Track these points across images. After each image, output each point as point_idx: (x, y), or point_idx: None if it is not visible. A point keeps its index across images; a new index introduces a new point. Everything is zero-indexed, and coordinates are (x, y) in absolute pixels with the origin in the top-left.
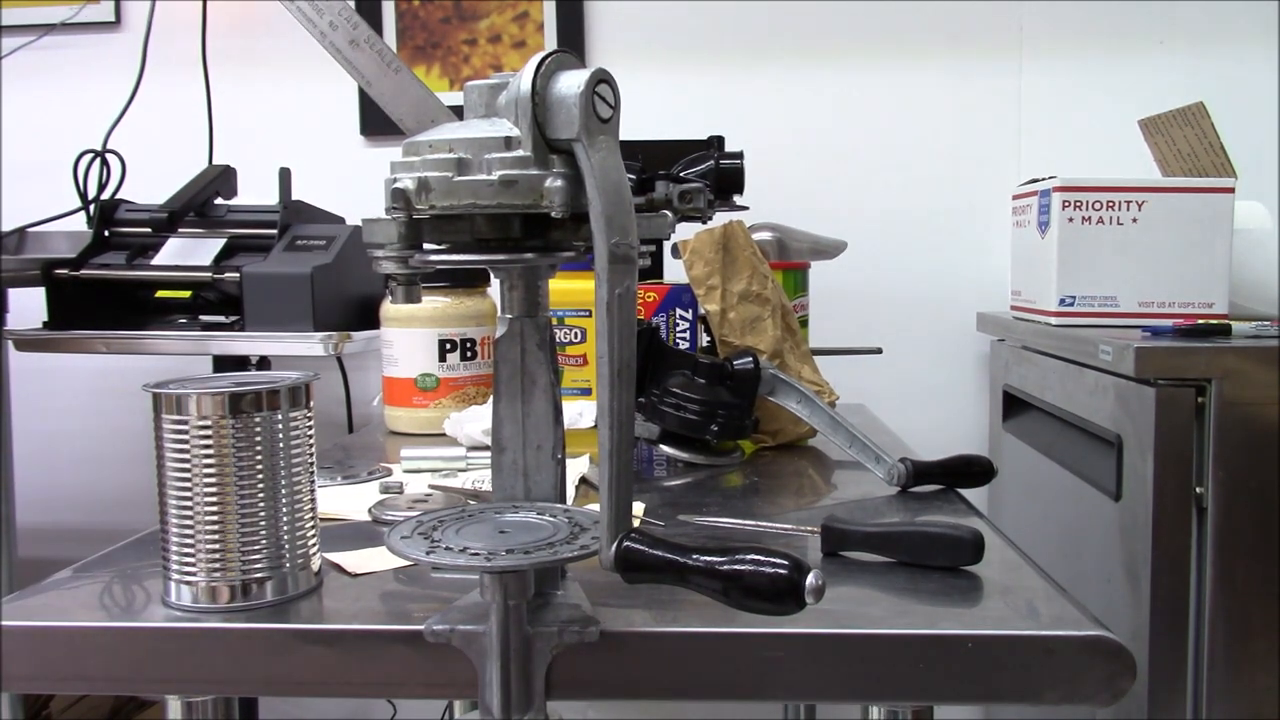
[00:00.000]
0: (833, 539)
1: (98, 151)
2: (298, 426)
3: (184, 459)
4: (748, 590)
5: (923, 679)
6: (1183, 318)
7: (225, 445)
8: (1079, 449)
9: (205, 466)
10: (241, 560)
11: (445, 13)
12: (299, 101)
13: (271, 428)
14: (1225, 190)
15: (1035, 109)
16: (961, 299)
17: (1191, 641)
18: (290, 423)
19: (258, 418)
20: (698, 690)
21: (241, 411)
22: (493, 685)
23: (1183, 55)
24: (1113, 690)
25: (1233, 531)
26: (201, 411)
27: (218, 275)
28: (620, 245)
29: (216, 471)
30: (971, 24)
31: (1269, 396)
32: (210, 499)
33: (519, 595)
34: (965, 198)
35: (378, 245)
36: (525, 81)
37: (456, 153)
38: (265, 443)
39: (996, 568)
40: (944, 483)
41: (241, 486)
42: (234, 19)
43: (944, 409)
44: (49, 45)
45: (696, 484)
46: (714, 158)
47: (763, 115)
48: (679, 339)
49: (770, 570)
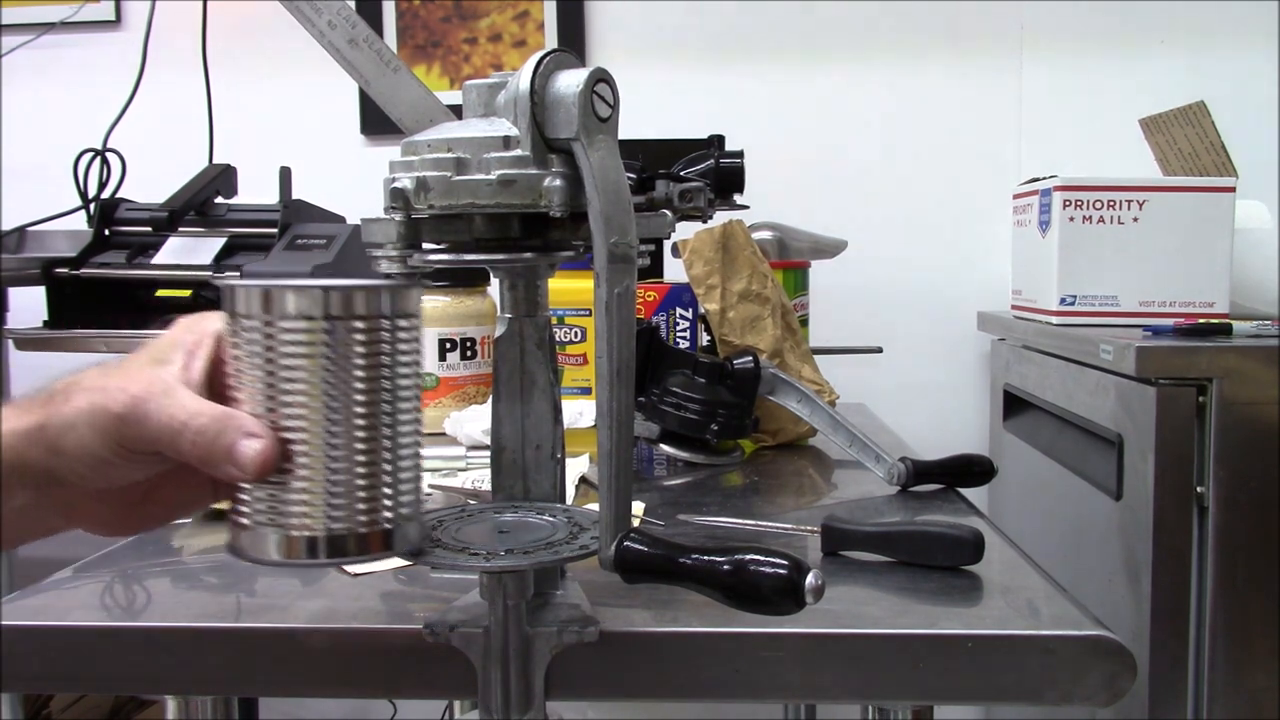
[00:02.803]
0: (833, 539)
1: (98, 151)
2: (411, 340)
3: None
4: (747, 590)
5: (923, 679)
6: (1183, 317)
7: (359, 354)
8: (1080, 448)
9: (336, 380)
10: (387, 499)
11: (445, 12)
12: (299, 101)
13: (394, 337)
14: (1226, 190)
15: (1036, 108)
16: (962, 298)
17: (1192, 641)
18: (409, 333)
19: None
20: (698, 690)
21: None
22: (493, 685)
23: (1183, 54)
24: (1113, 690)
25: (1233, 531)
26: (305, 310)
27: (218, 274)
28: (619, 245)
29: (367, 387)
30: (972, 23)
31: (1270, 396)
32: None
33: (519, 595)
34: (966, 197)
35: (377, 245)
36: (524, 81)
37: (455, 152)
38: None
39: (997, 567)
40: (944, 482)
41: (363, 409)
42: (234, 19)
43: (944, 408)
44: (49, 44)
45: (696, 483)
46: (714, 157)
47: (763, 114)
48: (679, 338)
49: (770, 570)
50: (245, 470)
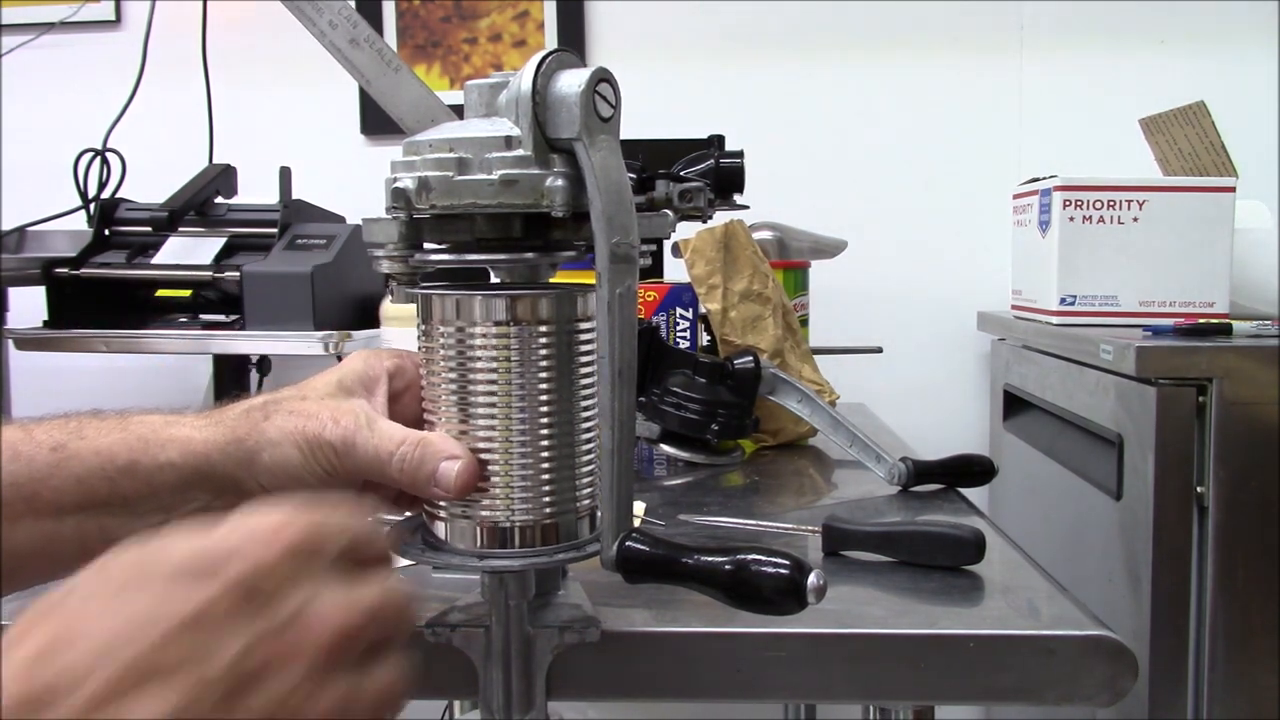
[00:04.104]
0: (833, 538)
1: (98, 150)
2: (589, 342)
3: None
4: (749, 590)
5: (923, 679)
6: (1183, 317)
7: (547, 354)
8: (1080, 448)
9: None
10: (569, 494)
11: (445, 12)
12: (299, 101)
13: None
14: (1226, 189)
15: (1036, 108)
16: (962, 298)
17: (1192, 641)
18: (587, 335)
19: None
20: (698, 690)
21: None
22: (493, 685)
23: (1184, 54)
24: (1114, 690)
25: (1233, 531)
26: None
27: (218, 274)
28: (621, 245)
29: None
30: (972, 23)
31: (1270, 396)
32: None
33: (519, 595)
34: (966, 197)
35: (378, 245)
36: (525, 81)
37: (457, 152)
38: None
39: (997, 567)
40: (945, 482)
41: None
42: (234, 19)
43: (944, 408)
44: (49, 44)
45: (697, 483)
46: (714, 157)
47: (763, 114)
48: (679, 338)
49: (772, 570)
50: (449, 491)
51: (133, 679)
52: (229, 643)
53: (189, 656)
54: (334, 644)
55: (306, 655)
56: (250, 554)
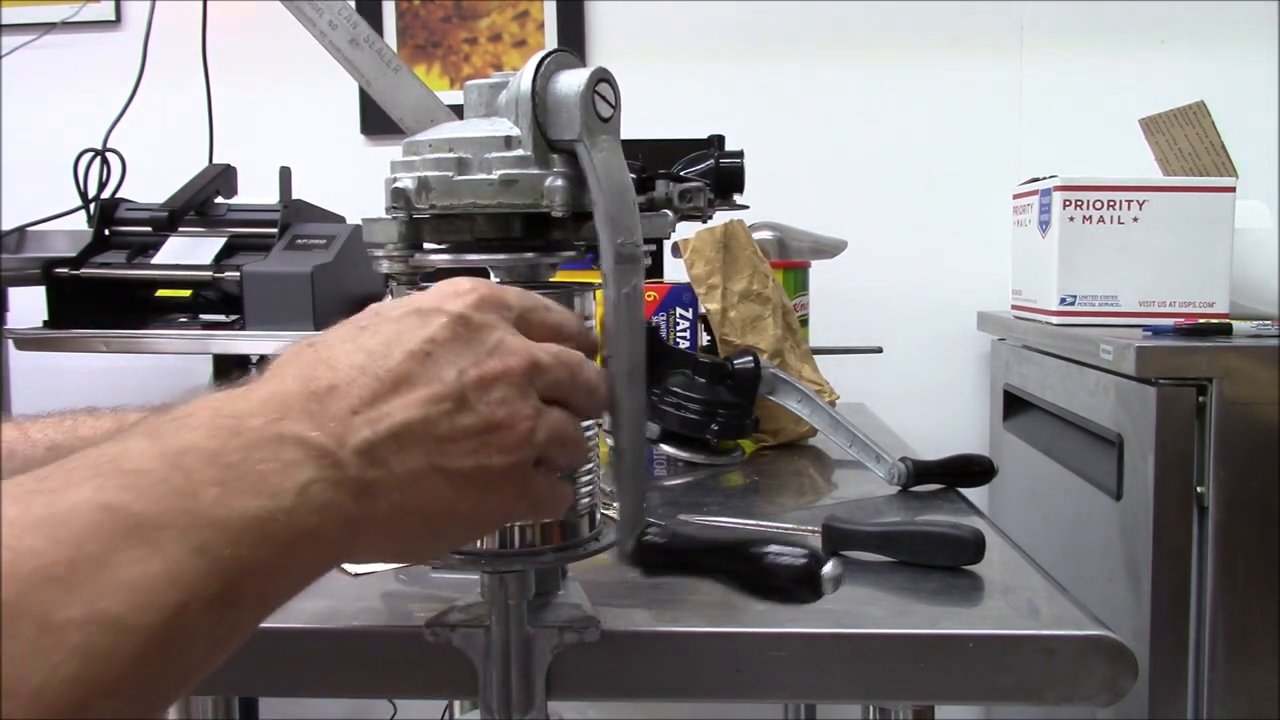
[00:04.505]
0: (833, 538)
1: (98, 150)
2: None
3: None
4: (765, 579)
5: (923, 679)
6: (1183, 317)
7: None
8: (1080, 448)
9: None
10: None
11: (445, 12)
12: (299, 101)
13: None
14: (1226, 190)
15: (1036, 108)
16: (962, 298)
17: (1192, 641)
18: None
19: None
20: (698, 690)
21: None
22: (493, 685)
23: (1183, 54)
24: (1114, 690)
25: (1233, 531)
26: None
27: (218, 274)
28: (626, 245)
29: None
30: (972, 23)
31: (1270, 396)
32: None
33: (519, 595)
34: (966, 197)
35: (378, 245)
36: (525, 81)
37: (456, 152)
38: None
39: (997, 567)
40: (945, 482)
41: None
42: (234, 19)
43: (944, 408)
44: (49, 44)
45: (697, 484)
46: (714, 157)
47: (763, 114)
48: (679, 338)
49: (788, 560)
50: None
51: (388, 386)
52: (453, 361)
53: (424, 373)
54: (526, 369)
55: (508, 377)
56: (457, 300)
